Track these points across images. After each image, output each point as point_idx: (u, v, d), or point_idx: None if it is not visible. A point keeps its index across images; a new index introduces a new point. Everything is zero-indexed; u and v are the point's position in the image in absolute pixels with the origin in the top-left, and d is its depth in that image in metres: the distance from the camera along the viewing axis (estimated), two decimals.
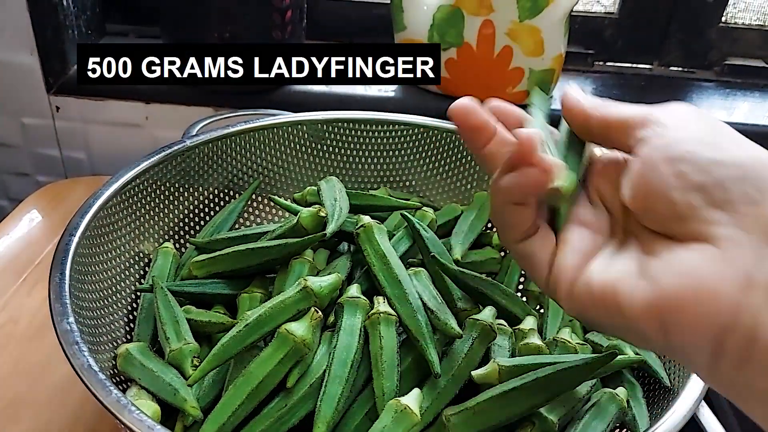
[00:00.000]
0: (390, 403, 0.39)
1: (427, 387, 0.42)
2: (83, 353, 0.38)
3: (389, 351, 0.42)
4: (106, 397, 0.36)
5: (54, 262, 0.44)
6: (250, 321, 0.43)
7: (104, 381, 0.36)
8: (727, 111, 0.83)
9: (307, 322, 0.42)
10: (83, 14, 0.82)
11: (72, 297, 0.43)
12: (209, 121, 0.65)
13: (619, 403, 0.43)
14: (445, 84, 0.80)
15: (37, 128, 0.84)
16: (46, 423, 0.50)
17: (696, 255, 0.26)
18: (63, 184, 0.79)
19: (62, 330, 0.39)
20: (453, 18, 0.75)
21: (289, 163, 0.65)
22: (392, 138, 0.65)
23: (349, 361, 0.42)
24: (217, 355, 0.42)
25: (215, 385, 0.44)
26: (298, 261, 0.50)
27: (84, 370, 0.37)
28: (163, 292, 0.48)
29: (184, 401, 0.41)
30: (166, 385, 0.42)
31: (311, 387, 0.42)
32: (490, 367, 0.42)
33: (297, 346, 0.41)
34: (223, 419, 0.40)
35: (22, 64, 0.79)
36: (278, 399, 0.41)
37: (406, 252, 0.53)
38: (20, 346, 0.56)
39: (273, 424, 0.40)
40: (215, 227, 0.59)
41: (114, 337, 0.48)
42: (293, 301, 0.44)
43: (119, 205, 0.53)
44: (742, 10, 0.89)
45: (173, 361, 0.44)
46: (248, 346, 0.43)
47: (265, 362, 0.41)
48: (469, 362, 0.43)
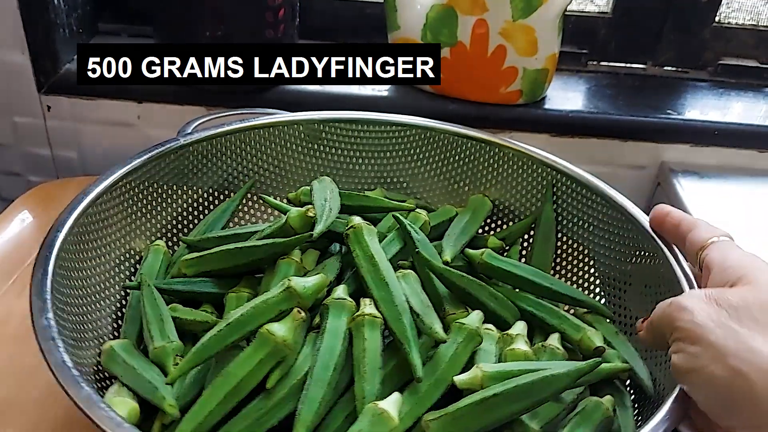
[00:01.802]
0: (368, 406, 0.39)
1: (409, 391, 0.42)
2: (58, 349, 0.38)
3: (372, 354, 0.42)
4: (77, 393, 0.35)
5: (38, 258, 0.44)
6: (231, 320, 0.43)
7: (77, 377, 0.36)
8: (721, 111, 0.83)
9: (289, 323, 0.42)
10: (74, 13, 0.82)
11: (55, 293, 0.42)
12: (205, 119, 0.65)
13: (604, 412, 0.43)
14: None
15: (28, 127, 0.83)
16: (35, 425, 0.50)
17: None
18: (54, 184, 0.78)
19: (40, 326, 0.39)
20: (446, 17, 0.75)
21: (285, 162, 0.64)
22: (388, 139, 0.65)
23: (332, 364, 0.42)
24: (197, 354, 0.42)
25: (196, 385, 0.43)
26: (284, 261, 0.49)
27: (57, 366, 0.37)
28: (149, 289, 0.48)
29: (163, 399, 0.41)
30: (146, 382, 0.42)
31: (292, 389, 0.41)
32: (472, 373, 0.42)
33: (278, 346, 0.41)
34: (200, 418, 0.39)
35: (12, 63, 0.79)
36: (258, 400, 0.41)
37: (396, 254, 0.52)
38: (10, 347, 0.56)
39: (251, 424, 0.40)
40: (208, 226, 0.59)
41: (101, 334, 0.48)
42: (276, 301, 0.43)
43: (111, 202, 0.53)
44: (736, 10, 0.89)
45: (156, 359, 0.44)
46: (229, 346, 0.42)
47: (245, 362, 0.41)
48: (452, 367, 0.43)
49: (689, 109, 0.83)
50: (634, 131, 0.80)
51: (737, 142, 0.79)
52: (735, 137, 0.79)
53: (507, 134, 0.78)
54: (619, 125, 0.80)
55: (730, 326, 0.34)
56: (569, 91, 0.85)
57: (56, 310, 0.41)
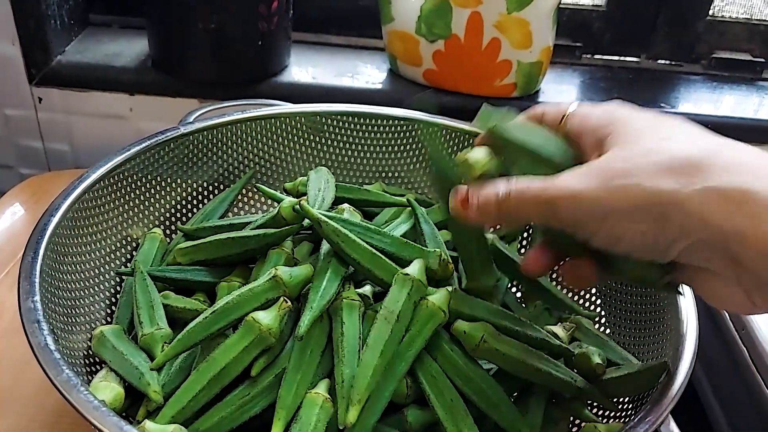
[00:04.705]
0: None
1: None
2: (42, 332, 0.38)
3: (351, 338, 0.42)
4: (56, 376, 0.36)
5: (29, 242, 0.44)
6: (217, 308, 0.43)
7: (58, 360, 0.36)
8: (714, 104, 0.83)
9: (275, 312, 0.42)
10: (66, 4, 0.81)
11: (45, 276, 0.42)
12: (206, 110, 0.65)
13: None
14: (432, 76, 0.80)
15: (19, 120, 0.83)
16: (30, 417, 0.50)
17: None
18: (46, 177, 0.78)
19: (25, 308, 0.39)
20: (441, 9, 0.74)
21: (285, 154, 0.64)
22: (388, 132, 0.65)
23: (308, 349, 0.42)
24: (182, 341, 0.42)
25: (182, 372, 0.43)
26: (275, 251, 0.49)
27: (39, 348, 0.37)
28: (142, 276, 0.48)
29: (148, 385, 0.41)
30: (133, 368, 0.42)
31: (276, 377, 0.41)
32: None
33: (262, 334, 0.41)
34: (183, 403, 0.40)
35: (3, 55, 0.78)
36: (242, 387, 0.41)
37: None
38: (3, 340, 0.56)
39: (234, 411, 0.40)
40: (205, 215, 0.59)
41: (94, 319, 0.48)
42: (262, 289, 0.43)
43: (107, 189, 0.53)
44: (729, 4, 0.89)
45: (144, 345, 0.44)
46: (215, 333, 0.42)
47: (230, 349, 0.41)
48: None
49: (683, 102, 0.83)
50: None
51: (730, 135, 0.79)
52: (728, 130, 0.79)
53: None
54: None
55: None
56: (563, 84, 0.85)
57: (46, 294, 0.42)
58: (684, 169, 0.32)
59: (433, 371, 0.42)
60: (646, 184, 0.32)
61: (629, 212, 0.32)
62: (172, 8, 0.75)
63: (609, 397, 0.45)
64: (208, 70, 0.78)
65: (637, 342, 0.50)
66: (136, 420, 0.41)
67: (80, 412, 0.34)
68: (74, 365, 0.42)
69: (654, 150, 0.33)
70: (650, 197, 0.32)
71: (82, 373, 0.43)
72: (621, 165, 0.33)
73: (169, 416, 0.39)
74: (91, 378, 0.43)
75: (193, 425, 0.40)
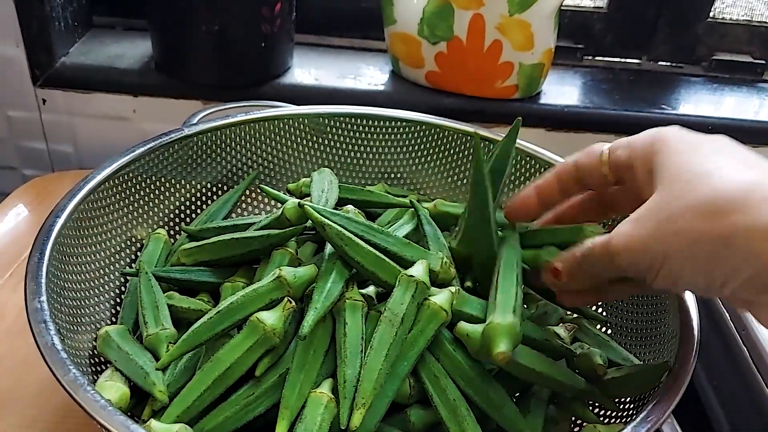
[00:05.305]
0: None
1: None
2: (49, 332, 0.38)
3: (353, 339, 0.42)
4: (63, 375, 0.36)
5: (35, 242, 0.44)
6: (222, 308, 0.43)
7: (64, 360, 0.37)
8: (715, 106, 0.83)
9: (279, 312, 0.42)
10: (70, 6, 0.82)
11: (51, 276, 0.43)
12: (210, 111, 0.65)
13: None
14: (434, 78, 0.80)
15: (23, 121, 0.83)
16: (33, 418, 0.50)
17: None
18: (50, 178, 0.78)
19: (32, 308, 0.40)
20: (443, 12, 0.75)
21: (289, 155, 0.64)
22: (392, 134, 0.65)
23: (312, 348, 0.42)
24: (187, 341, 0.42)
25: (187, 372, 0.43)
26: (279, 252, 0.49)
27: (46, 348, 0.37)
28: (147, 276, 0.49)
29: (153, 385, 0.41)
30: (138, 368, 0.42)
31: (281, 377, 0.41)
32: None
33: (267, 334, 0.41)
34: (187, 403, 0.40)
35: (7, 56, 0.79)
36: (246, 387, 0.41)
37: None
38: (6, 341, 0.56)
39: (239, 411, 0.40)
40: (209, 216, 0.59)
41: (99, 319, 0.48)
42: (266, 290, 0.43)
43: (113, 189, 0.53)
44: (730, 6, 0.89)
45: (149, 345, 0.45)
46: (219, 334, 0.43)
47: (234, 349, 0.41)
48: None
49: (683, 103, 0.83)
50: (628, 126, 0.80)
51: (731, 136, 0.79)
52: (728, 132, 0.79)
53: (503, 129, 0.78)
54: (614, 120, 0.81)
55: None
56: (565, 86, 0.86)
57: (52, 294, 0.42)
58: (729, 206, 0.33)
59: (436, 371, 0.42)
60: (692, 225, 0.33)
61: (681, 254, 0.34)
62: (175, 10, 0.75)
63: (610, 397, 0.45)
64: (211, 72, 0.79)
65: (638, 342, 0.51)
66: (142, 419, 0.41)
67: (88, 412, 0.34)
68: (80, 365, 0.42)
69: (697, 187, 0.34)
70: (698, 238, 0.33)
71: (87, 373, 0.44)
72: (667, 208, 0.35)
73: (174, 416, 0.40)
74: (96, 378, 0.44)
75: (198, 424, 0.40)
